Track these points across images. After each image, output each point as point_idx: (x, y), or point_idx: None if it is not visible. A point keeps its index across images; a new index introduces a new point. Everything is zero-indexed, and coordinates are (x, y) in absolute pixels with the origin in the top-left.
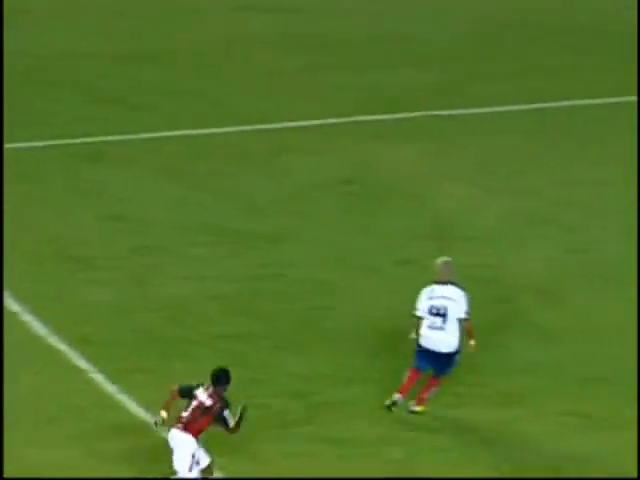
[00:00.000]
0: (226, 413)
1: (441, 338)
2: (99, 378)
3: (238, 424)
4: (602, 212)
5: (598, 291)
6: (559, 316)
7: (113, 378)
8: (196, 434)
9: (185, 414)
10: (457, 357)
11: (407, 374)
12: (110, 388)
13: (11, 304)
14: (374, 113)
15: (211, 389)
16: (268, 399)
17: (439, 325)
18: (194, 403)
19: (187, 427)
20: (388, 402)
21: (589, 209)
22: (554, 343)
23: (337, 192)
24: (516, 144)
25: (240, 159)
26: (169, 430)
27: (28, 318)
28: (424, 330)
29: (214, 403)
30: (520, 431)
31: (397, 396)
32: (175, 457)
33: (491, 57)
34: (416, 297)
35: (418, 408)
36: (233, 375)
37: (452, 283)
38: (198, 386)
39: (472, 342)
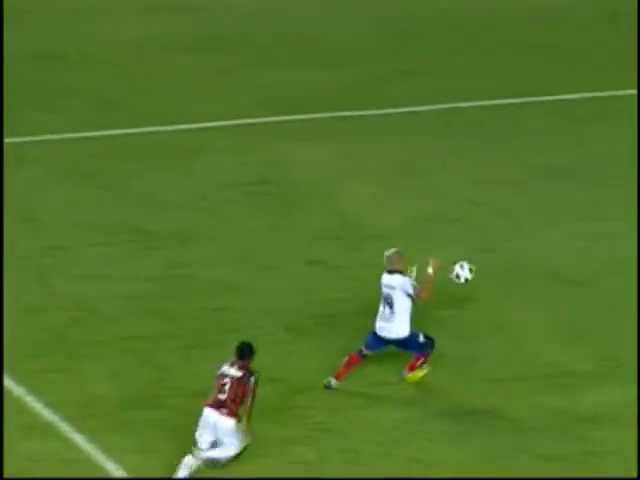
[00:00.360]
0: (252, 380)
1: (390, 328)
2: (6, 379)
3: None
4: (508, 211)
5: (505, 290)
6: (467, 314)
7: (21, 379)
8: (238, 412)
9: (224, 396)
10: (421, 338)
11: (346, 359)
12: (18, 389)
13: None
14: (286, 113)
15: (238, 363)
16: (176, 399)
17: (387, 316)
18: (227, 381)
19: (231, 410)
20: (325, 382)
21: (496, 208)
22: (463, 341)
23: (248, 192)
24: (425, 144)
25: (153, 160)
26: (204, 410)
27: None
28: (377, 319)
29: (244, 373)
30: (428, 430)
31: (333, 381)
32: (224, 444)
33: (399, 57)
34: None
35: (410, 375)
36: (140, 375)
37: (398, 272)
38: (222, 365)
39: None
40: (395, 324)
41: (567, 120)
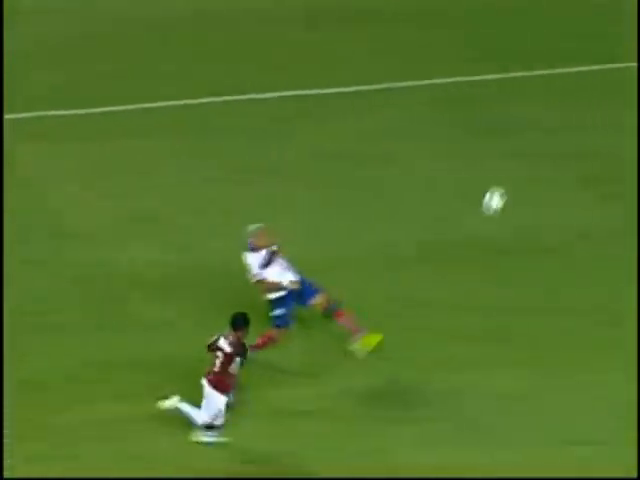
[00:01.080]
0: (237, 360)
1: None
2: None
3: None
4: (206, 210)
5: (194, 283)
6: (168, 311)
7: None
8: (228, 387)
9: (215, 368)
10: (277, 309)
11: None
12: None
13: None
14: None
15: (231, 336)
16: None
17: None
18: (220, 354)
19: (218, 383)
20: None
21: (195, 208)
22: (162, 338)
23: None
24: (129, 144)
25: None
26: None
27: None
28: None
29: (233, 349)
30: (146, 428)
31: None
32: (203, 406)
33: (105, 59)
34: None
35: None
36: None
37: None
38: (219, 337)
39: None
40: None
41: (268, 120)
